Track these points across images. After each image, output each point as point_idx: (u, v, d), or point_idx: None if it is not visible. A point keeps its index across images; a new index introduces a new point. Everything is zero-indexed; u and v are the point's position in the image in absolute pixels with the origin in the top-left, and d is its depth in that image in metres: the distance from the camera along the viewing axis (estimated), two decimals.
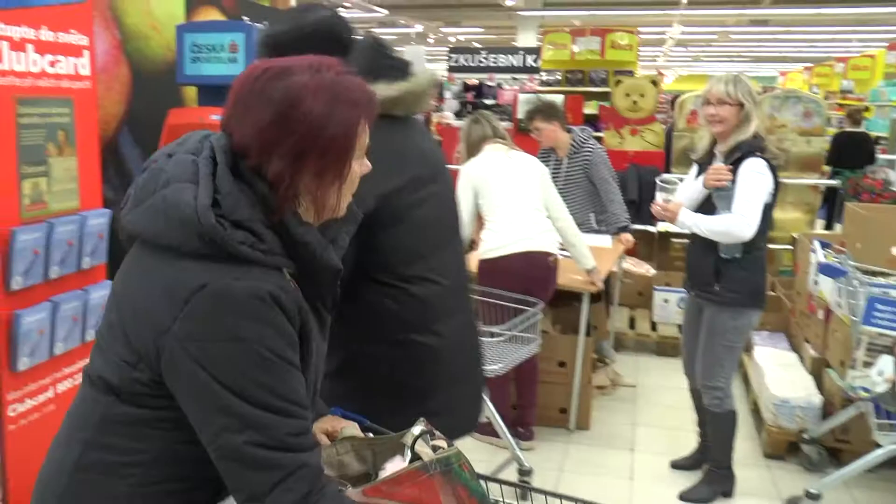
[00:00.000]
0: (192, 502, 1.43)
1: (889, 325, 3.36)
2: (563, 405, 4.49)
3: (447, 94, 11.63)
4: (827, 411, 4.17)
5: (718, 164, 3.43)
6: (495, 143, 4.14)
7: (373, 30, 22.80)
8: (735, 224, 3.34)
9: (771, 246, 4.32)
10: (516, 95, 7.91)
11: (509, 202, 4.00)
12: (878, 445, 3.54)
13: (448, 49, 12.61)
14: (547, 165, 5.17)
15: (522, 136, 7.02)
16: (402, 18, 20.22)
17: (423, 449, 1.43)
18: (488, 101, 11.37)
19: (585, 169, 5.06)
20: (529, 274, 3.95)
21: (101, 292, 2.87)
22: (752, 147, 3.37)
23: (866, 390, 3.44)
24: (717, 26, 21.92)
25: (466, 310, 2.24)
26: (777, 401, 4.22)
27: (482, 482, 1.49)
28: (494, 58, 11.64)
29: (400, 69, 2.14)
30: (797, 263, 5.33)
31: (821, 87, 19.17)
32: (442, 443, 1.45)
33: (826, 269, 3.99)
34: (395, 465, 1.43)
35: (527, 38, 19.50)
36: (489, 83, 11.48)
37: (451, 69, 11.80)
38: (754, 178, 3.34)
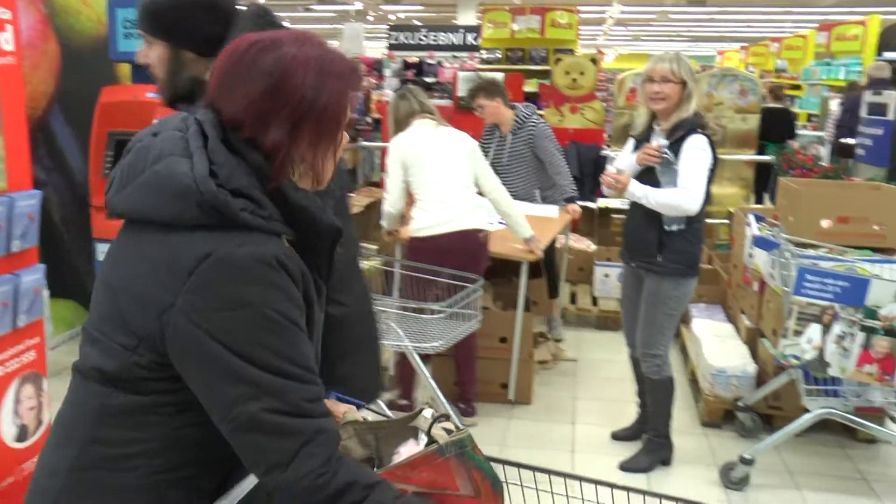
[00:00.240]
0: (200, 489, 1.41)
1: (818, 294, 3.46)
2: (504, 380, 4.54)
3: (387, 72, 11.54)
4: (761, 379, 4.29)
5: (652, 143, 3.52)
6: (423, 119, 4.14)
7: (311, 6, 22.54)
8: (683, 198, 3.46)
9: (708, 220, 4.42)
10: (456, 73, 7.89)
11: (439, 180, 4.02)
12: (807, 410, 3.66)
13: (388, 27, 12.53)
14: (491, 142, 5.23)
15: (464, 113, 7.03)
16: None
17: (437, 432, 1.43)
18: (429, 80, 11.33)
19: (530, 144, 5.12)
20: (461, 251, 3.99)
21: (32, 276, 2.79)
22: (694, 124, 3.50)
23: (796, 358, 3.55)
24: (656, 6, 22.17)
25: (362, 278, 2.27)
26: (714, 370, 4.33)
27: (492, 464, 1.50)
28: (435, 36, 11.60)
29: None
30: (733, 237, 5.46)
31: (756, 66, 19.52)
32: (450, 425, 1.45)
33: (760, 242, 4.10)
34: (409, 449, 1.43)
35: (467, 17, 19.45)
36: (429, 61, 11.43)
37: (392, 47, 11.74)
38: (698, 154, 3.47)
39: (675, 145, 3.48)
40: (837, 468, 3.94)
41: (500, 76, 7.21)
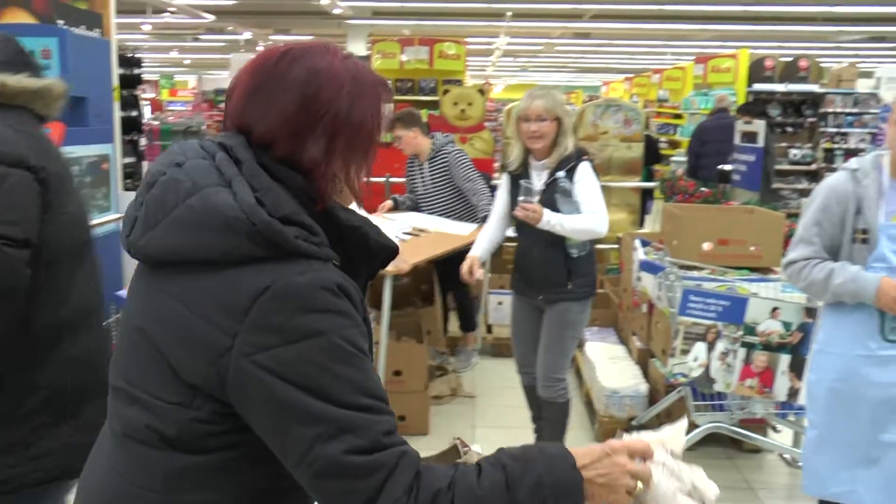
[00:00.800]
0: None
1: (701, 314, 3.65)
2: (401, 413, 4.55)
3: None
4: (653, 398, 4.46)
5: (530, 204, 3.49)
6: None
7: (200, 36, 22.23)
8: (594, 221, 3.57)
9: (599, 246, 4.59)
10: None
11: None
12: (697, 426, 3.83)
13: None
14: (414, 171, 5.34)
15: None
16: (230, 25, 19.80)
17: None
18: None
19: (445, 172, 5.25)
20: None
21: None
22: (581, 153, 3.66)
23: (684, 376, 3.72)
24: (542, 38, 22.84)
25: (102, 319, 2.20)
26: (608, 392, 4.48)
27: None
28: None
29: (36, 67, 2.10)
30: (622, 261, 5.67)
31: (640, 97, 20.33)
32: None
33: (646, 266, 4.29)
34: None
35: (357, 47, 19.57)
36: None
37: None
38: (593, 179, 3.63)
39: (568, 175, 3.60)
40: (726, 478, 4.13)
41: (389, 107, 7.31)
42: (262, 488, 1.25)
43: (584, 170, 3.61)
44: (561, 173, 3.58)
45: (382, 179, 6.89)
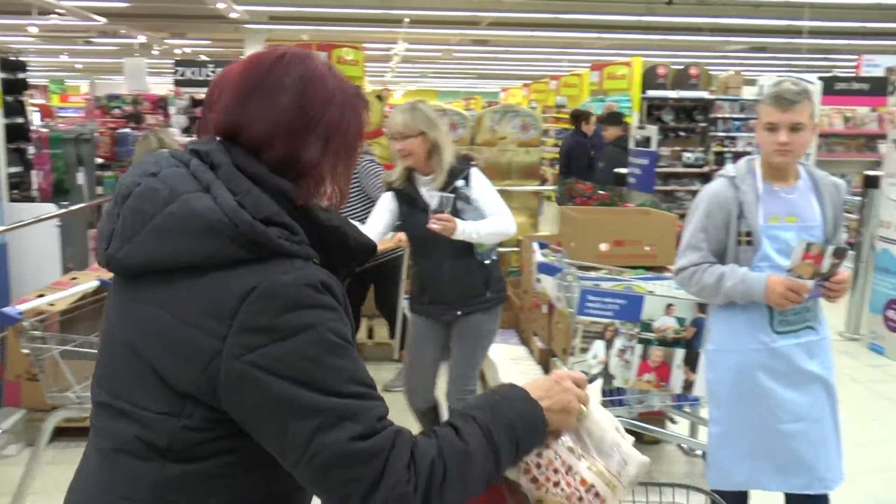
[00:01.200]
0: None
1: (599, 313, 3.74)
2: None
3: (172, 110, 11.21)
4: None
5: (432, 203, 3.46)
6: None
7: (92, 39, 21.52)
8: (505, 222, 3.59)
9: (500, 249, 4.65)
10: None
11: None
12: None
13: (174, 62, 12.20)
14: None
15: None
16: (122, 28, 19.23)
17: None
18: None
19: (356, 182, 5.21)
20: None
21: None
22: (468, 159, 3.67)
23: (585, 373, 3.80)
24: (440, 44, 23.00)
25: None
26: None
27: None
28: None
29: None
30: (522, 264, 5.75)
31: (539, 102, 20.68)
32: None
33: (544, 268, 4.36)
34: None
35: (255, 52, 19.29)
36: None
37: (178, 83, 11.43)
38: (488, 183, 3.65)
39: (465, 181, 3.61)
40: None
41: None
42: (256, 495, 1.26)
43: (478, 175, 3.63)
44: (460, 182, 3.56)
45: None
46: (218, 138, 1.29)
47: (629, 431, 4.04)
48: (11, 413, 4.51)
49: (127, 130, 8.91)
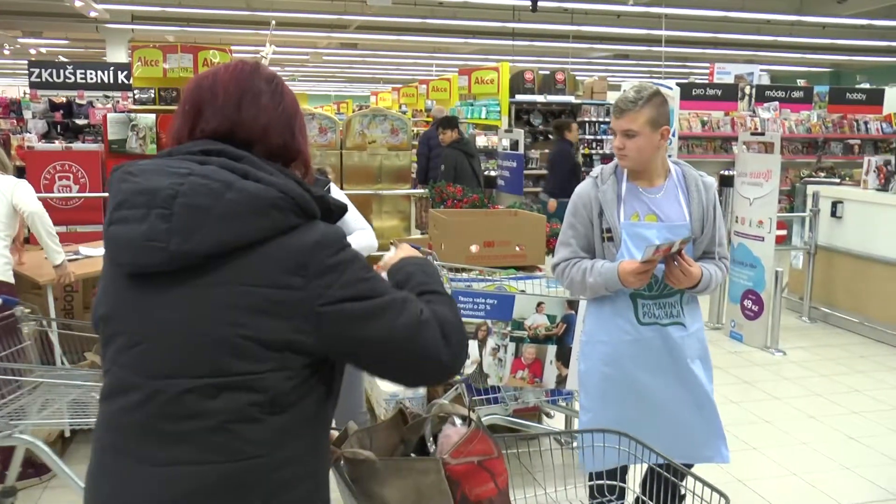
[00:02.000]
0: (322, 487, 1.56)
1: (471, 313, 3.79)
2: None
3: (28, 114, 10.64)
4: (431, 397, 4.57)
5: None
6: None
7: None
8: (370, 237, 3.63)
9: (373, 254, 4.64)
10: (105, 115, 7.47)
11: None
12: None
13: (28, 62, 11.60)
14: None
15: (116, 156, 6.76)
16: None
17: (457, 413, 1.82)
18: (80, 121, 10.65)
19: None
20: None
21: None
22: (323, 173, 3.69)
23: (459, 374, 3.85)
24: (309, 47, 22.79)
25: None
26: (387, 396, 4.54)
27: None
28: (83, 73, 10.96)
29: None
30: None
31: (409, 107, 20.78)
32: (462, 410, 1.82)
33: None
34: (456, 431, 1.75)
35: (117, 53, 18.60)
36: (79, 101, 10.73)
37: (33, 85, 10.88)
38: (345, 198, 3.57)
39: None
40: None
41: (152, 117, 7.01)
42: (320, 427, 1.54)
43: (337, 190, 3.64)
44: None
45: None
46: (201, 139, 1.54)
47: (506, 429, 4.11)
48: None
49: None
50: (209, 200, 1.39)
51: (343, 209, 1.61)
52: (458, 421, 1.79)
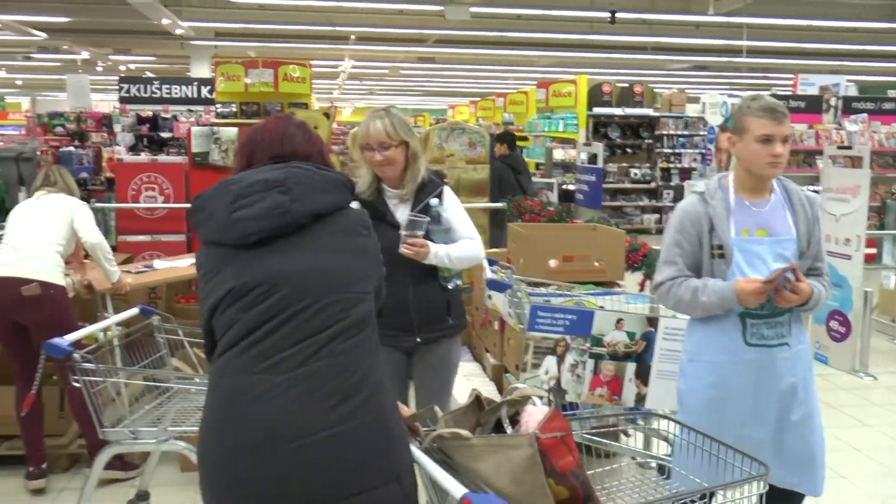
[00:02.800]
0: None
1: (550, 329, 3.76)
2: None
3: (118, 127, 11.01)
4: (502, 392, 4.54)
5: (417, 238, 3.19)
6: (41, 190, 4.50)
7: (32, 55, 21.09)
8: (476, 247, 3.38)
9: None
10: (189, 128, 7.63)
11: (7, 235, 4.28)
12: None
13: (118, 78, 12.02)
14: None
15: (200, 169, 6.93)
16: (65, 43, 18.89)
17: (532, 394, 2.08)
18: (164, 135, 10.98)
19: None
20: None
21: None
22: (440, 175, 3.44)
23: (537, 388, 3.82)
24: (387, 62, 23.05)
25: None
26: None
27: None
28: (168, 88, 11.30)
29: None
30: (473, 280, 5.77)
31: (485, 120, 20.82)
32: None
33: (494, 285, 4.38)
34: (535, 410, 2.00)
35: (200, 69, 19.13)
36: (164, 115, 11.07)
37: (122, 100, 11.25)
38: (459, 204, 3.42)
39: (438, 201, 3.33)
40: None
41: (234, 130, 7.16)
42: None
43: (450, 194, 3.39)
44: (434, 200, 3.29)
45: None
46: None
47: (582, 446, 4.03)
48: None
49: (70, 149, 8.70)
50: (309, 179, 2.07)
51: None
52: (537, 401, 2.04)
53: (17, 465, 4.27)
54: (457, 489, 1.78)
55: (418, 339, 3.34)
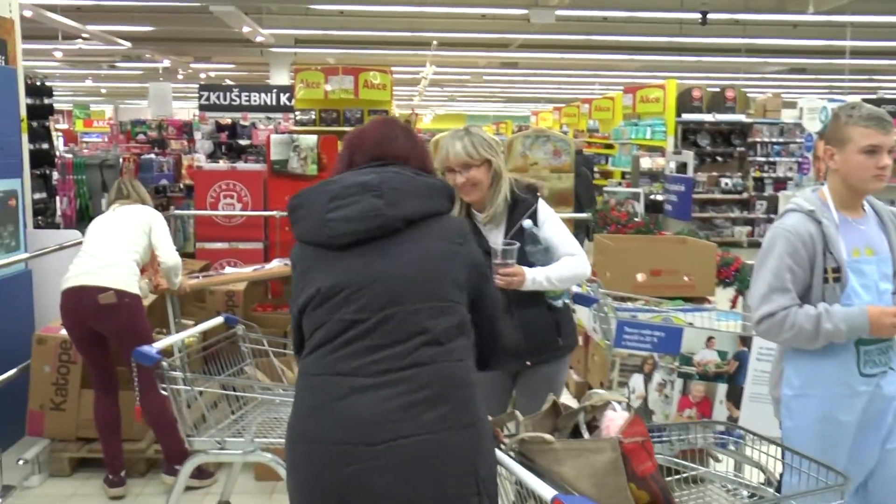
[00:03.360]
0: None
1: (637, 345, 3.70)
2: None
3: (198, 135, 11.33)
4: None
5: (508, 267, 3.06)
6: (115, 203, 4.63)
7: (116, 63, 21.90)
8: (581, 264, 3.22)
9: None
10: (269, 136, 7.79)
11: (85, 245, 4.40)
12: None
13: (198, 86, 12.37)
14: None
15: (278, 177, 7.06)
16: (147, 52, 19.57)
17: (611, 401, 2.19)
18: (243, 142, 11.24)
19: None
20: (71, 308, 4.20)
21: None
22: (533, 189, 3.28)
23: (627, 402, 3.76)
24: (469, 67, 23.14)
25: None
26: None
27: None
28: (247, 96, 11.56)
29: None
30: None
31: (570, 126, 20.71)
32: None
33: (579, 299, 4.33)
34: (616, 416, 2.12)
35: (280, 76, 19.55)
36: (243, 123, 11.34)
37: (202, 107, 11.57)
38: (557, 218, 3.29)
39: (531, 220, 3.22)
40: None
41: (314, 138, 7.27)
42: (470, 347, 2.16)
43: (546, 209, 3.24)
44: (528, 222, 3.16)
45: (275, 213, 6.90)
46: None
47: (669, 469, 3.95)
48: (34, 443, 4.54)
49: (151, 156, 9.00)
50: (406, 184, 2.13)
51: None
52: (617, 406, 2.11)
53: (99, 468, 4.42)
54: (546, 491, 1.85)
55: (528, 363, 3.25)
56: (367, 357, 2.00)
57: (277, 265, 5.61)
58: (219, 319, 3.64)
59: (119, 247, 4.32)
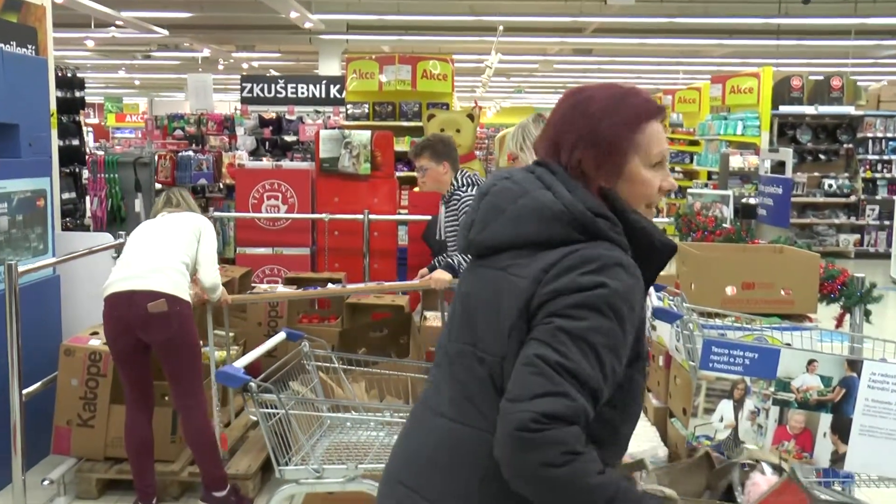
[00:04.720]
0: None
1: (726, 368, 3.63)
2: None
3: (240, 130, 11.46)
4: (672, 462, 4.43)
5: None
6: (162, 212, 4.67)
7: (152, 53, 22.37)
8: None
9: None
10: (318, 131, 7.85)
11: (130, 248, 4.42)
12: None
13: (240, 77, 12.52)
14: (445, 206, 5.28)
15: (327, 176, 7.12)
16: (185, 40, 19.95)
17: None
18: (288, 138, 11.34)
19: (455, 220, 5.13)
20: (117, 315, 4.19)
21: None
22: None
23: (709, 438, 3.69)
24: (538, 55, 23.11)
25: None
26: (625, 457, 4.45)
27: None
28: (294, 87, 11.66)
29: None
30: None
31: None
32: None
33: (660, 313, 4.27)
34: (766, 480, 2.06)
35: (330, 66, 19.74)
36: (289, 117, 11.43)
37: (244, 100, 11.73)
38: None
39: None
40: None
41: (367, 134, 7.30)
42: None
43: None
44: None
45: (360, 216, 6.91)
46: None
47: None
48: (60, 462, 4.64)
49: (189, 153, 9.13)
50: (505, 203, 1.82)
51: (671, 250, 1.85)
52: (767, 469, 2.07)
53: (128, 491, 4.48)
54: None
55: None
56: (429, 392, 1.96)
57: (333, 288, 5.63)
58: (281, 335, 3.64)
59: (170, 251, 4.33)
